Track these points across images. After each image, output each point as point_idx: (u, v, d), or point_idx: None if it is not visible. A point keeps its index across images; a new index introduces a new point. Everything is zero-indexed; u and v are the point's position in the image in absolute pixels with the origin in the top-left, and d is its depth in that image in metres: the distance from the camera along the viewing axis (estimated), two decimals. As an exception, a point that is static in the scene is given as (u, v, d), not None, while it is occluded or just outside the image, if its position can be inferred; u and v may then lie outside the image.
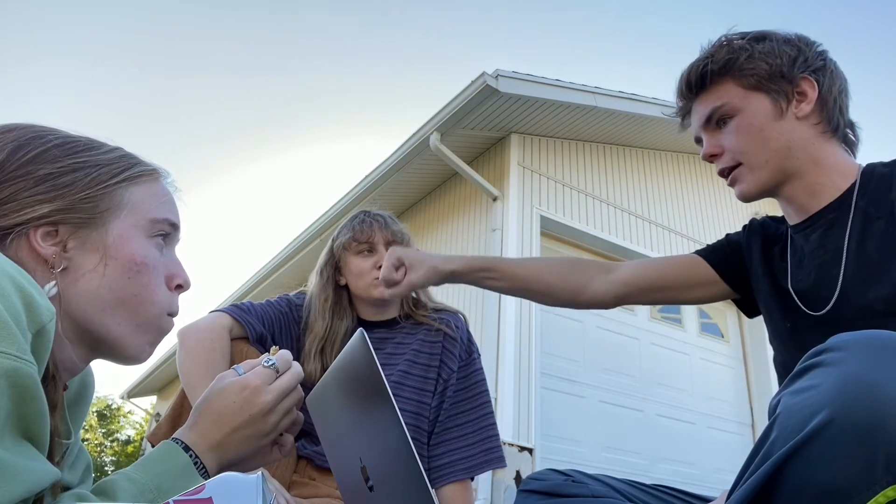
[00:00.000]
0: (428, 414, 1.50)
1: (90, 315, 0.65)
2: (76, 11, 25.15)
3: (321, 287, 1.57)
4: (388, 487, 0.66)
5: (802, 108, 0.98)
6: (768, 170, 0.98)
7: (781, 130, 0.98)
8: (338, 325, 1.53)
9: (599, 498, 0.93)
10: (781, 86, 0.98)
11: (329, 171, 46.27)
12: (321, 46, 33.39)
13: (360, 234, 1.55)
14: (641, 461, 5.08)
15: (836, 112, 0.99)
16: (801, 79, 0.98)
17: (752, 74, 0.99)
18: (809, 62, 0.99)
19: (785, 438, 0.53)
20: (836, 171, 0.98)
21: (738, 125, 1.00)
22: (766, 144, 0.98)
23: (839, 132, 1.00)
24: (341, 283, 1.59)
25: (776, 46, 1.00)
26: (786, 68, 0.98)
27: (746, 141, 0.99)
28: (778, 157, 0.98)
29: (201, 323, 1.40)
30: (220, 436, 0.72)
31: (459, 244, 5.46)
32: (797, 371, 0.58)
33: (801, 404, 0.54)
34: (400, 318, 1.59)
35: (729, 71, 1.00)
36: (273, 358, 0.78)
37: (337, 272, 1.59)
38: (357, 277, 1.54)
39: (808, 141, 0.98)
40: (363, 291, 1.54)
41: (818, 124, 0.99)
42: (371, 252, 1.55)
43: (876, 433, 0.48)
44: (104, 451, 14.71)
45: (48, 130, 0.68)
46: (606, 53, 36.48)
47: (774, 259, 1.09)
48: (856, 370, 0.52)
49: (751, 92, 1.00)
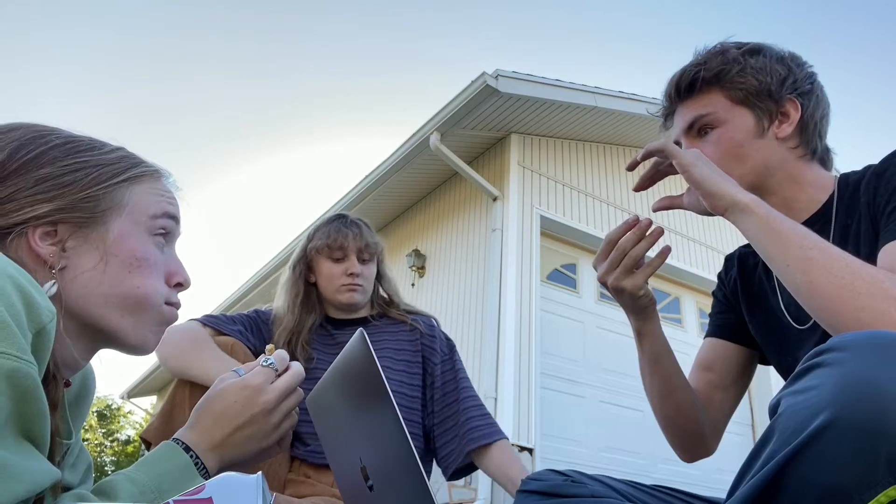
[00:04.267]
0: (419, 407, 1.55)
1: (92, 310, 0.65)
2: (76, 12, 25.15)
3: (293, 282, 1.63)
4: (388, 487, 0.66)
5: (784, 128, 0.99)
6: (742, 186, 0.99)
7: (759, 149, 0.99)
8: (305, 319, 1.59)
9: (599, 498, 0.93)
10: (767, 104, 0.99)
11: (329, 171, 46.27)
12: (321, 47, 33.39)
13: (333, 241, 1.60)
14: (641, 461, 5.08)
15: (814, 136, 1.00)
16: (787, 100, 0.99)
17: (742, 88, 0.99)
18: (798, 84, 1.00)
19: (786, 439, 0.53)
20: (812, 187, 0.99)
21: (719, 137, 1.00)
22: (743, 161, 0.99)
23: (816, 155, 1.02)
24: (311, 281, 1.64)
25: (768, 64, 1.00)
26: (774, 87, 0.99)
27: (724, 155, 0.99)
28: (753, 173, 0.99)
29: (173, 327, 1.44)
30: (222, 436, 0.72)
31: (459, 244, 5.46)
32: (798, 371, 0.58)
33: (802, 405, 0.54)
34: (372, 317, 1.65)
35: (719, 81, 1.01)
36: (271, 357, 0.78)
37: (308, 270, 1.64)
38: (327, 280, 1.60)
39: (785, 161, 0.99)
40: (331, 295, 1.60)
41: (796, 147, 1.00)
42: (342, 259, 1.60)
43: (877, 433, 0.48)
44: (104, 451, 14.70)
45: (50, 130, 0.68)
46: (606, 53, 36.48)
47: (757, 284, 1.10)
48: (857, 370, 0.51)
49: (737, 106, 1.00)
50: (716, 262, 6.17)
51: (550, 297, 5.18)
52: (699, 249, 6.22)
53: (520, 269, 4.83)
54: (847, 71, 26.16)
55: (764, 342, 1.10)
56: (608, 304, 5.58)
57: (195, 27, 27.56)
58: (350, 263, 1.59)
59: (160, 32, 27.92)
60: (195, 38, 28.44)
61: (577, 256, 5.58)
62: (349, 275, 1.58)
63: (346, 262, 1.59)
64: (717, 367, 1.15)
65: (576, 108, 5.27)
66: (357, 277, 1.58)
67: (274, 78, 35.36)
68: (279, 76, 35.25)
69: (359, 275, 1.59)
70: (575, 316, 5.30)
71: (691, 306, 6.16)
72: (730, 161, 0.99)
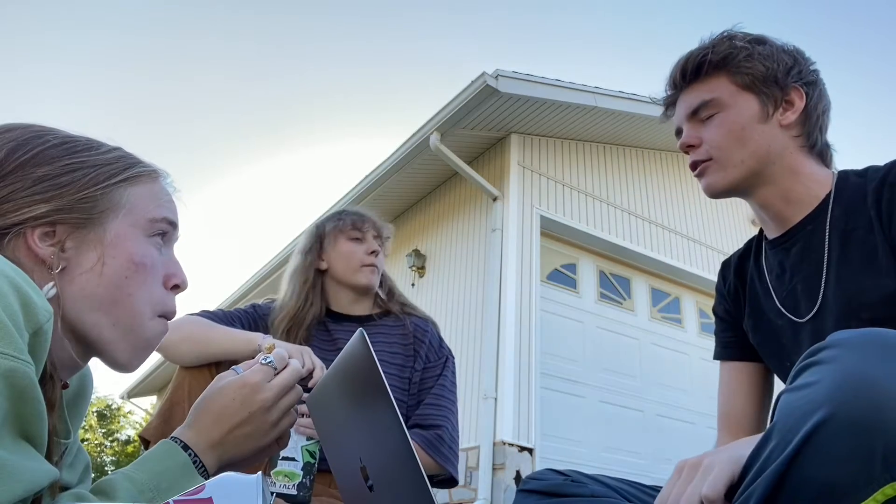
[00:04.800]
0: (405, 412, 1.53)
1: (85, 315, 0.64)
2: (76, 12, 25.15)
3: (303, 268, 1.61)
4: (388, 487, 0.66)
5: (788, 116, 1.00)
6: (742, 169, 0.99)
7: (762, 133, 0.99)
8: (308, 310, 1.57)
9: (599, 498, 0.93)
10: (773, 91, 1.00)
11: (329, 172, 46.29)
12: (321, 47, 33.39)
13: (357, 221, 1.61)
14: (641, 461, 5.08)
15: (816, 128, 1.01)
16: (793, 88, 1.00)
17: (748, 74, 1.00)
18: (803, 74, 1.01)
19: (784, 436, 0.53)
20: (812, 180, 1.00)
21: (723, 120, 1.00)
22: (744, 145, 0.99)
23: (816, 149, 1.02)
24: (321, 269, 1.62)
25: (775, 52, 1.01)
26: (780, 74, 1.00)
27: (727, 138, 1.00)
28: (754, 159, 0.99)
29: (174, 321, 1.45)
30: (220, 434, 0.72)
31: (459, 244, 5.46)
32: (797, 369, 0.58)
33: (799, 402, 0.54)
34: (375, 315, 1.63)
35: (726, 65, 1.01)
36: (270, 356, 0.78)
37: (319, 257, 1.63)
38: (346, 261, 1.58)
39: (787, 150, 1.00)
40: (349, 276, 1.58)
41: (798, 137, 1.00)
42: (362, 240, 1.60)
43: (873, 430, 0.48)
44: (104, 451, 14.70)
45: (48, 130, 0.68)
46: (606, 53, 36.49)
47: (753, 287, 1.10)
48: (853, 367, 0.51)
49: (742, 91, 1.00)
50: (716, 262, 6.17)
51: (550, 297, 5.18)
52: (699, 249, 6.22)
53: (520, 269, 4.83)
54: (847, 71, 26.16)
55: (764, 347, 1.09)
56: (608, 304, 5.59)
57: (195, 27, 27.56)
58: (370, 244, 1.60)
59: (160, 32, 27.92)
60: (195, 38, 28.44)
61: (577, 256, 5.58)
62: (370, 253, 1.58)
63: (365, 243, 1.60)
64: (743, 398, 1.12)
65: (576, 108, 5.27)
66: (376, 257, 1.59)
67: (274, 78, 35.37)
68: (279, 76, 35.26)
69: (378, 254, 1.59)
70: (575, 316, 5.30)
71: (691, 306, 6.16)
72: (732, 143, 0.99)
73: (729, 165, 1.00)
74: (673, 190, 6.39)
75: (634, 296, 5.83)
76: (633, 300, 5.80)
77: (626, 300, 5.77)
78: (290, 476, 1.14)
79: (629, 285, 5.85)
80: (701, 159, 1.02)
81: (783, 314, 1.01)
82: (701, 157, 1.02)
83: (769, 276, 1.06)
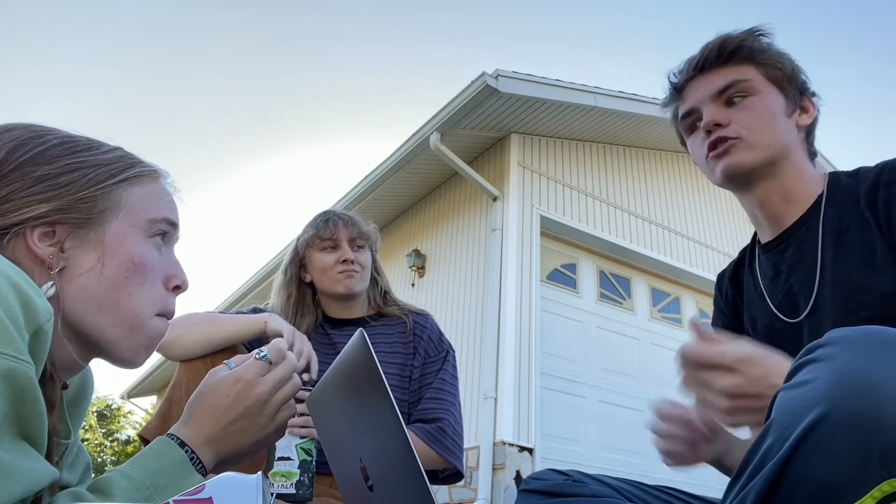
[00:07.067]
0: (407, 410, 1.53)
1: (85, 315, 0.65)
2: (76, 12, 25.16)
3: (284, 285, 1.62)
4: (388, 487, 0.66)
5: (804, 118, 1.04)
6: (767, 153, 1.00)
7: (785, 127, 1.01)
8: (300, 322, 1.57)
9: (599, 498, 0.93)
10: (794, 91, 1.03)
11: (329, 171, 46.29)
12: (321, 47, 33.40)
13: (323, 230, 1.59)
14: (641, 461, 5.08)
15: (813, 139, 1.06)
16: (806, 96, 1.05)
17: (778, 68, 1.03)
18: (810, 86, 1.06)
19: (781, 434, 0.53)
20: (810, 182, 1.02)
21: (756, 104, 1.02)
22: (773, 130, 1.00)
23: (811, 157, 1.07)
24: (306, 281, 1.63)
25: (792, 61, 1.05)
26: (799, 79, 1.04)
27: (759, 120, 1.01)
28: (777, 147, 1.00)
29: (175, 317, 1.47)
30: (216, 430, 0.72)
31: (459, 244, 5.46)
32: (793, 367, 0.58)
33: (796, 399, 0.54)
34: (368, 317, 1.62)
35: (759, 56, 1.03)
36: (265, 349, 0.77)
37: (302, 270, 1.63)
38: (322, 272, 1.58)
39: (797, 150, 1.03)
40: (328, 286, 1.58)
41: (804, 141, 1.05)
42: (335, 248, 1.59)
43: (870, 428, 0.48)
44: (104, 451, 14.71)
45: (48, 130, 0.68)
46: (606, 53, 36.50)
47: (746, 294, 1.11)
48: (850, 365, 0.51)
49: (770, 83, 1.03)
50: (716, 262, 6.17)
51: (550, 297, 5.18)
52: (699, 249, 6.22)
53: (520, 269, 4.83)
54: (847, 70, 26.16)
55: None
56: (608, 304, 5.59)
57: (195, 27, 27.57)
58: (343, 251, 1.57)
59: (160, 32, 27.92)
60: (195, 38, 28.45)
61: (577, 256, 5.58)
62: (342, 262, 1.56)
63: (338, 251, 1.58)
64: None
65: (576, 108, 5.27)
66: (352, 264, 1.56)
67: (274, 78, 35.38)
68: (279, 76, 35.26)
69: (353, 261, 1.57)
70: (575, 316, 5.30)
71: (691, 306, 6.17)
72: (763, 127, 1.00)
73: (757, 147, 1.00)
74: (673, 190, 6.39)
75: (634, 296, 5.83)
76: (633, 300, 5.80)
77: (626, 300, 5.77)
78: (286, 476, 1.14)
79: (629, 285, 5.85)
80: (729, 136, 1.01)
81: (778, 317, 1.01)
82: (730, 133, 1.01)
83: (762, 281, 1.06)
